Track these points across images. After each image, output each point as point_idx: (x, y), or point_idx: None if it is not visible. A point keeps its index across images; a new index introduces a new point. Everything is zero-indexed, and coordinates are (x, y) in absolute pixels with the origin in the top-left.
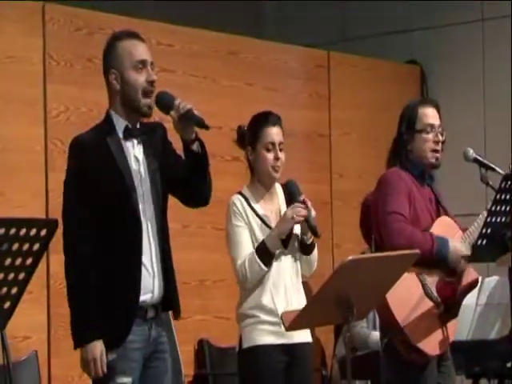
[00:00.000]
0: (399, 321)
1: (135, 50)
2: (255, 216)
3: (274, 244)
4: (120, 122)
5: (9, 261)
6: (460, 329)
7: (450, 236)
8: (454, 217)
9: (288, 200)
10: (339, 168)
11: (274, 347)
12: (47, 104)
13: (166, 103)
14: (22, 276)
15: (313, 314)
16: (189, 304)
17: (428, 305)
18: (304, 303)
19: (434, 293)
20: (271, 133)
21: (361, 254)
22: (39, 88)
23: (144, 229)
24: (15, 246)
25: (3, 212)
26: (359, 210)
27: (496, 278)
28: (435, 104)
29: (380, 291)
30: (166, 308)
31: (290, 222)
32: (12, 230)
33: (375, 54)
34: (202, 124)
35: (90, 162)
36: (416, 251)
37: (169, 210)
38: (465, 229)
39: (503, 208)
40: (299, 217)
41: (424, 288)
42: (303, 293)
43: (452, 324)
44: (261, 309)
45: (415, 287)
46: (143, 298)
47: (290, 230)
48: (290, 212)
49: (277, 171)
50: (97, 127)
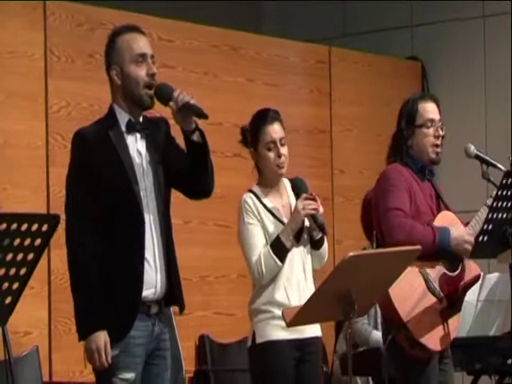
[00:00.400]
0: (402, 316)
1: (135, 44)
2: (267, 212)
3: (288, 239)
4: (123, 116)
5: (10, 256)
6: (461, 325)
7: None
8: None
9: (296, 196)
10: (340, 164)
11: (287, 342)
12: (48, 99)
13: (164, 95)
14: (23, 271)
15: (314, 310)
16: (190, 300)
17: (431, 300)
18: None
19: (436, 288)
20: (270, 131)
21: (362, 250)
22: (40, 83)
23: (147, 222)
24: (17, 242)
25: (4, 207)
26: (360, 206)
27: (497, 274)
28: (435, 99)
29: (381, 287)
30: (169, 303)
31: (301, 214)
32: (13, 226)
33: (376, 50)
34: (200, 114)
35: (93, 155)
36: (417, 247)
37: (171, 205)
38: (466, 223)
39: (504, 204)
40: (309, 210)
41: (427, 283)
42: (313, 285)
43: (453, 320)
44: (274, 304)
45: (418, 282)
46: (146, 293)
47: (302, 224)
48: (300, 204)
49: (281, 168)
50: (99, 121)
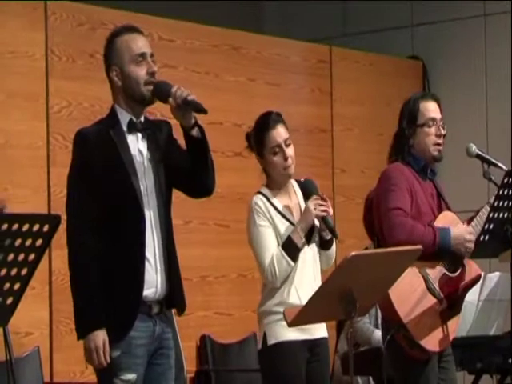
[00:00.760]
0: (402, 316)
1: (134, 44)
2: (277, 213)
3: (300, 238)
4: (124, 116)
5: (11, 256)
6: (462, 325)
7: None
8: (456, 213)
9: (306, 197)
10: (341, 163)
11: (299, 343)
12: (49, 99)
13: (163, 91)
14: (24, 271)
15: (315, 310)
16: (191, 300)
17: (431, 301)
18: None
19: (436, 289)
20: (273, 135)
21: (364, 250)
22: (41, 83)
23: (147, 221)
24: (18, 242)
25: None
26: (362, 205)
27: (498, 273)
28: (436, 98)
29: (383, 287)
30: (170, 305)
31: (312, 213)
32: (15, 226)
33: (377, 50)
34: (199, 108)
35: (94, 155)
36: (419, 247)
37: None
38: (469, 221)
39: (506, 203)
40: (320, 211)
41: (427, 284)
42: None
43: (453, 322)
44: (286, 305)
45: (418, 283)
46: (146, 292)
47: (312, 223)
48: (311, 204)
49: (289, 169)
50: (101, 121)
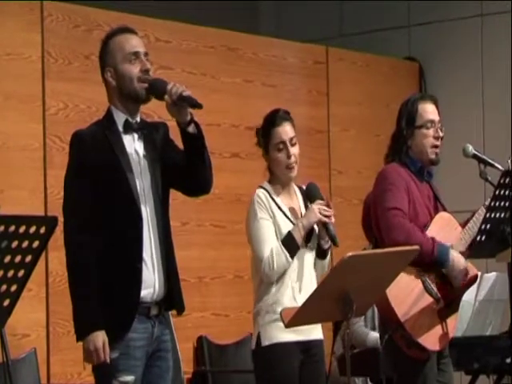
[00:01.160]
0: (399, 316)
1: (127, 43)
2: (278, 209)
3: (300, 236)
4: (120, 117)
5: (8, 258)
6: (459, 325)
7: (449, 232)
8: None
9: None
10: (338, 164)
11: (293, 345)
12: (46, 101)
13: (159, 89)
14: (21, 273)
15: (312, 311)
16: (188, 301)
17: (428, 300)
18: None
19: (433, 289)
20: (279, 132)
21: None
22: (38, 85)
23: (144, 220)
24: (14, 244)
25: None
26: (359, 206)
27: (495, 273)
28: (434, 100)
29: (379, 287)
30: (169, 307)
31: (316, 214)
32: (11, 228)
33: (373, 50)
34: (195, 104)
35: (90, 156)
36: (416, 247)
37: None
38: (465, 222)
39: (502, 203)
40: (324, 216)
41: (424, 284)
42: None
43: (452, 320)
44: (281, 305)
45: (415, 283)
46: (144, 293)
47: (312, 226)
48: (315, 206)
49: (292, 170)
50: (97, 122)
